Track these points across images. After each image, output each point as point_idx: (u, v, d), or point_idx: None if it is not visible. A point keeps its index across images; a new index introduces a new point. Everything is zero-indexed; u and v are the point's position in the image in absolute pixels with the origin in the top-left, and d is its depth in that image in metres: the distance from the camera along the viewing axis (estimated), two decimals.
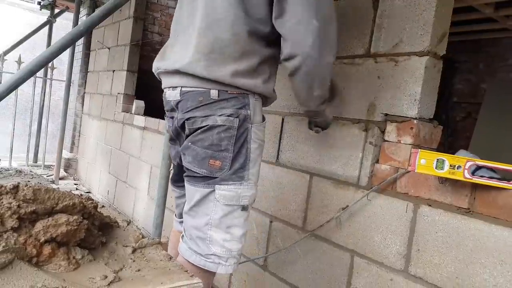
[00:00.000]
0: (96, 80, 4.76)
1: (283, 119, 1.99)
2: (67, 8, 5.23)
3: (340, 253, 1.64)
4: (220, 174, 1.25)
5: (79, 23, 4.10)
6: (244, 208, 1.29)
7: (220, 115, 1.25)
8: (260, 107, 1.33)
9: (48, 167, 4.98)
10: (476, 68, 5.42)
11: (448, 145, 5.31)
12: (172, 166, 1.74)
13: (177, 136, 1.41)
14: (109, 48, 4.44)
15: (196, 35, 1.27)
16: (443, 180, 1.30)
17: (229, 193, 1.26)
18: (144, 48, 4.38)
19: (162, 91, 1.45)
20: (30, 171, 1.37)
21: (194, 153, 1.28)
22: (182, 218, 1.52)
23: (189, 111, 1.28)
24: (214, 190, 1.26)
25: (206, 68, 1.24)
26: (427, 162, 1.26)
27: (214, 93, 1.25)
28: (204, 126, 1.26)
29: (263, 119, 1.36)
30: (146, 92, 4.08)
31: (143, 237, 0.84)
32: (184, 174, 1.35)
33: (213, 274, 1.32)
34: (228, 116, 1.25)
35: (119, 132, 3.96)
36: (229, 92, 1.25)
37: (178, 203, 1.60)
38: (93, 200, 0.81)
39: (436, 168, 1.24)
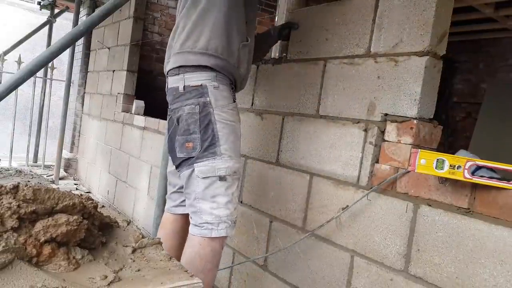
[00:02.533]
0: (96, 80, 4.76)
1: (283, 119, 1.99)
2: (67, 8, 5.23)
3: (340, 253, 1.64)
4: (195, 153, 1.50)
5: (79, 23, 4.09)
6: (221, 178, 1.50)
7: (186, 105, 1.53)
8: (221, 94, 1.54)
9: (48, 167, 4.98)
10: (476, 68, 5.42)
11: (448, 145, 5.31)
12: None
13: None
14: (109, 48, 4.43)
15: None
16: (443, 180, 1.30)
17: (205, 167, 1.50)
18: (144, 48, 4.38)
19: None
20: (30, 171, 1.37)
21: (178, 143, 1.56)
22: (173, 197, 1.83)
23: (171, 104, 1.61)
24: (194, 169, 1.51)
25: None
26: (427, 162, 1.26)
27: (181, 88, 1.55)
28: (179, 117, 1.55)
29: (232, 101, 1.59)
30: (146, 92, 4.08)
31: (143, 237, 0.84)
32: (175, 164, 1.62)
33: (217, 241, 1.51)
34: (190, 105, 1.52)
35: (119, 132, 3.96)
36: (190, 85, 1.54)
37: (175, 183, 1.82)
38: (93, 200, 0.81)
39: (436, 168, 1.24)
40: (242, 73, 1.66)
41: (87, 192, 4.51)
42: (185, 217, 1.74)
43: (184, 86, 1.54)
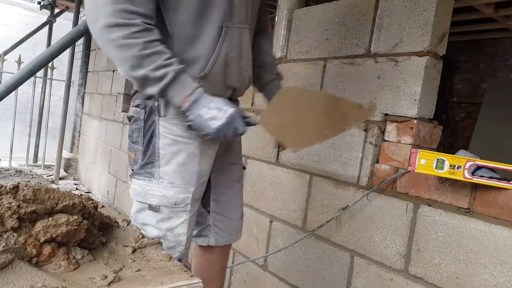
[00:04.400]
0: (96, 80, 4.76)
1: None
2: (67, 8, 5.22)
3: (340, 253, 1.64)
4: (134, 166, 1.23)
5: (79, 23, 4.09)
6: (152, 208, 1.19)
7: (132, 106, 1.24)
8: None
9: (48, 167, 4.98)
10: (476, 68, 5.43)
11: (448, 145, 5.31)
12: None
13: None
14: None
15: None
16: (443, 180, 1.30)
17: (138, 188, 1.21)
18: None
19: None
20: (30, 171, 1.36)
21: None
22: None
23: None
24: (131, 184, 1.24)
25: None
26: (427, 162, 1.26)
27: (135, 84, 1.16)
28: (127, 117, 1.27)
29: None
30: None
31: (143, 237, 0.84)
32: None
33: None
34: (135, 106, 1.22)
35: (119, 132, 3.95)
36: None
37: None
38: (93, 200, 0.81)
39: (436, 168, 1.24)
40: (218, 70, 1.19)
41: (87, 192, 4.51)
42: (214, 248, 1.49)
43: None
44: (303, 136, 1.26)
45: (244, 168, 1.57)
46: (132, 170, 1.25)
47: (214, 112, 1.09)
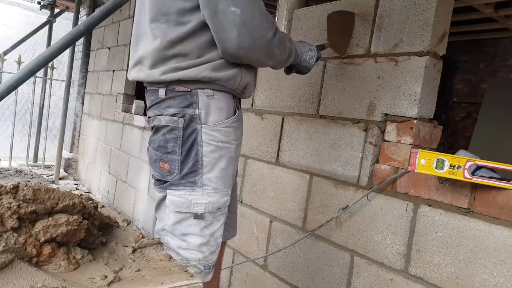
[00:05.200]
0: (96, 80, 4.76)
1: (283, 119, 1.99)
2: (67, 8, 5.22)
3: (340, 253, 1.64)
4: (170, 178, 1.20)
5: (79, 23, 4.09)
6: (197, 216, 1.19)
7: (165, 115, 1.20)
8: (218, 105, 1.20)
9: (48, 167, 4.98)
10: (476, 68, 5.43)
11: (448, 145, 5.31)
12: None
13: None
14: (109, 48, 4.43)
15: None
16: (443, 180, 1.30)
17: (179, 199, 1.19)
18: None
19: None
20: (30, 171, 1.36)
21: (150, 155, 1.27)
22: None
23: (148, 110, 1.28)
24: (166, 196, 1.21)
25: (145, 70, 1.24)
26: (427, 162, 1.26)
27: (162, 92, 1.20)
28: (153, 127, 1.25)
29: (231, 116, 1.23)
30: None
31: (143, 237, 0.84)
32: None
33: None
34: (171, 115, 1.19)
35: (119, 132, 3.95)
36: (175, 90, 1.18)
37: None
38: (93, 200, 0.81)
39: (436, 168, 1.24)
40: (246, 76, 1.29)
41: (87, 192, 4.51)
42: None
43: (166, 90, 1.20)
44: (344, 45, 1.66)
45: None
46: (165, 181, 1.22)
47: (310, 53, 1.43)
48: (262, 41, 1.14)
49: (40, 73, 4.87)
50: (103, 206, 1.00)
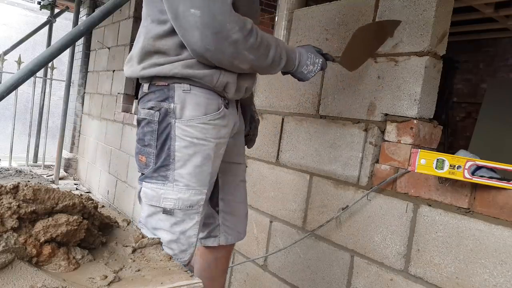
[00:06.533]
0: (96, 80, 4.76)
1: (283, 119, 1.99)
2: (67, 8, 5.22)
3: (340, 253, 1.64)
4: (146, 170, 1.22)
5: (79, 23, 4.09)
6: (166, 211, 1.19)
7: (144, 108, 1.22)
8: (195, 100, 1.19)
9: (48, 167, 4.98)
10: (476, 68, 5.43)
11: (448, 145, 5.31)
12: None
13: None
14: (109, 48, 4.43)
15: None
16: (443, 180, 1.30)
17: (151, 192, 1.20)
18: None
19: None
20: (30, 171, 1.36)
21: (134, 148, 1.31)
22: None
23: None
24: (141, 188, 1.24)
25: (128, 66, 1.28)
26: (427, 162, 1.26)
27: (145, 87, 1.24)
28: (137, 120, 1.27)
29: (211, 112, 1.21)
30: None
31: (143, 237, 0.84)
32: None
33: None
34: (148, 109, 1.21)
35: (119, 132, 3.95)
36: (156, 84, 1.21)
37: None
38: (93, 200, 0.81)
39: (436, 168, 1.24)
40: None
41: (87, 192, 4.51)
42: (221, 248, 1.52)
43: (149, 84, 1.23)
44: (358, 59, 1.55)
45: (246, 166, 1.61)
46: (143, 174, 1.24)
47: (310, 67, 1.34)
48: (227, 43, 1.09)
49: (40, 73, 4.87)
50: (103, 206, 1.00)
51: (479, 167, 1.20)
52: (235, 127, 1.37)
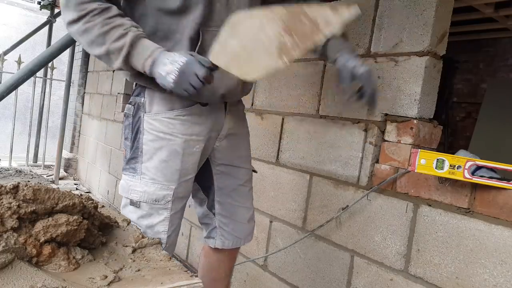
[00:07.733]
0: (96, 80, 4.76)
1: (283, 119, 1.99)
2: None
3: (340, 253, 1.64)
4: (124, 162, 1.26)
5: None
6: (133, 203, 1.21)
7: (127, 104, 1.28)
8: (163, 95, 1.19)
9: (48, 167, 4.98)
10: (476, 68, 5.42)
11: (448, 145, 5.31)
12: None
13: None
14: None
15: None
16: (443, 180, 1.30)
17: (124, 183, 1.25)
18: None
19: None
20: (30, 171, 1.37)
21: None
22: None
23: None
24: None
25: None
26: (427, 162, 1.26)
27: (134, 84, 1.28)
28: None
29: (179, 108, 1.20)
30: None
31: (143, 237, 0.84)
32: None
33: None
34: (128, 103, 1.26)
35: (119, 132, 3.95)
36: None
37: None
38: (93, 200, 0.81)
39: (436, 168, 1.24)
40: None
41: (87, 192, 4.51)
42: (222, 250, 1.50)
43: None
44: (262, 62, 1.04)
45: (254, 171, 1.56)
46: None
47: (169, 66, 1.03)
48: (66, 23, 1.10)
49: (40, 73, 4.87)
50: (103, 206, 1.00)
51: (479, 167, 1.20)
52: (222, 128, 1.32)
